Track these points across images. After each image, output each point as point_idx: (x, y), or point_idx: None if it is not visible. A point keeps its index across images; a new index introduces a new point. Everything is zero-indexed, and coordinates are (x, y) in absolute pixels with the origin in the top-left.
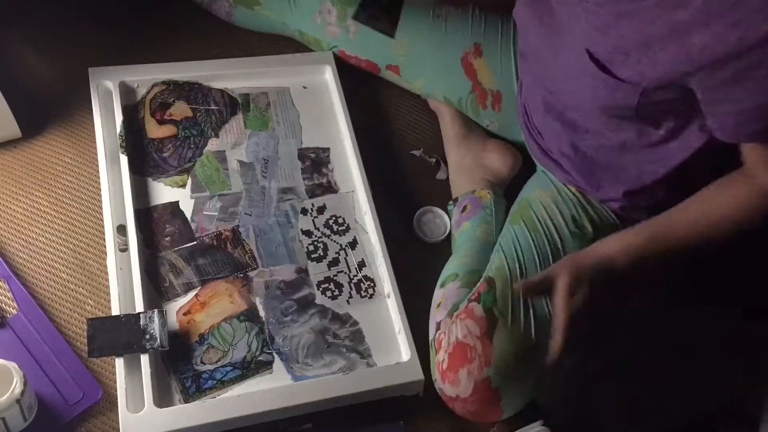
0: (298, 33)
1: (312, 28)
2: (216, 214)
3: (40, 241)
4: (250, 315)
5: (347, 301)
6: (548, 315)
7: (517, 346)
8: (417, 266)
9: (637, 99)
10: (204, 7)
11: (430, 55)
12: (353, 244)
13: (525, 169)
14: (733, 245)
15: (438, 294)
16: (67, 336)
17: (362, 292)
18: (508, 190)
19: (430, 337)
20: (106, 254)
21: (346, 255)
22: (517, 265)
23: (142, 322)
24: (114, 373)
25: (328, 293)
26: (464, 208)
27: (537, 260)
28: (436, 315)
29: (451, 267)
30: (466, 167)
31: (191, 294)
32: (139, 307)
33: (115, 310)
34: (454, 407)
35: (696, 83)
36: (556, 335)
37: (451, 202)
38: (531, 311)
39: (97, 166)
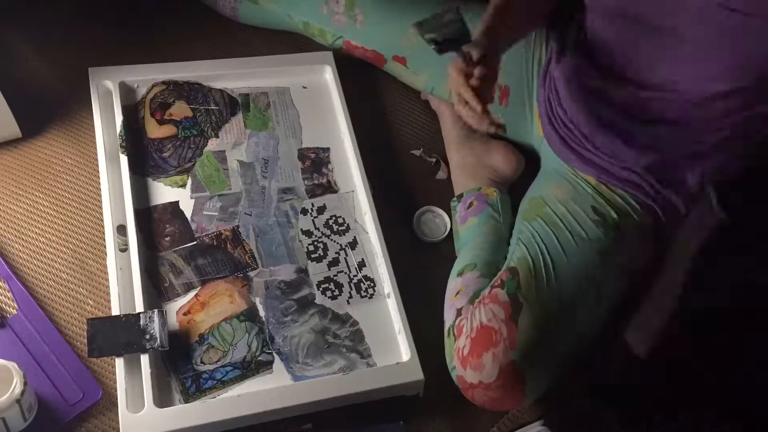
0: (302, 25)
1: (318, 18)
2: (216, 214)
3: (40, 241)
4: (250, 315)
5: (347, 301)
6: (572, 297)
7: (542, 329)
8: (417, 266)
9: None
10: (209, 5)
11: None
12: (353, 244)
13: (528, 171)
14: None
15: (456, 282)
16: (67, 336)
17: (362, 292)
18: (509, 190)
19: (447, 325)
20: (106, 254)
21: (346, 255)
22: (540, 256)
23: (142, 322)
24: (114, 373)
25: (328, 293)
26: (470, 204)
27: (563, 252)
28: (455, 302)
29: (467, 258)
30: (470, 166)
31: (191, 294)
32: (139, 307)
33: (115, 310)
34: (474, 395)
35: None
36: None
37: (455, 198)
38: (555, 295)
39: (97, 166)
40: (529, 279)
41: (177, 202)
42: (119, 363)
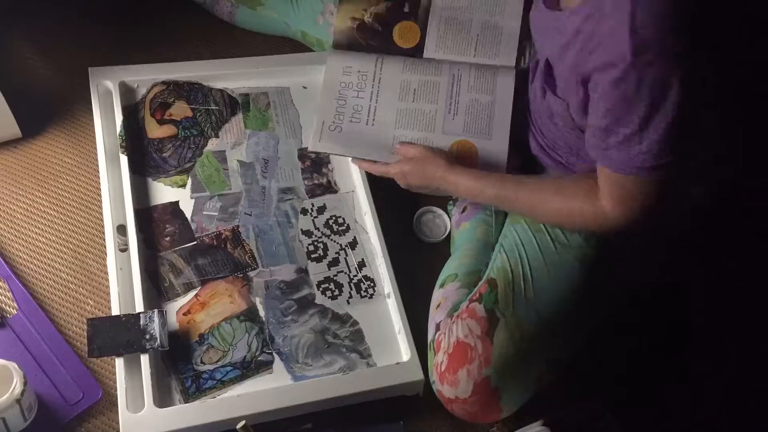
0: (300, 34)
1: (314, 28)
2: (216, 214)
3: (40, 241)
4: (250, 315)
5: (347, 301)
6: (550, 315)
7: (517, 346)
8: (417, 266)
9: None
10: (206, 8)
11: None
12: (353, 244)
13: (522, 172)
14: None
15: (437, 294)
16: (67, 336)
17: (362, 292)
18: None
19: (429, 338)
20: (106, 254)
21: (346, 255)
22: (519, 265)
23: (142, 322)
24: (114, 373)
25: (328, 293)
26: (464, 208)
27: (543, 261)
28: (435, 316)
29: (450, 267)
30: None
31: (191, 294)
32: (139, 307)
33: (115, 310)
34: (453, 409)
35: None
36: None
37: (450, 202)
38: (533, 311)
39: (97, 166)
40: (507, 292)
41: (177, 202)
42: (119, 363)
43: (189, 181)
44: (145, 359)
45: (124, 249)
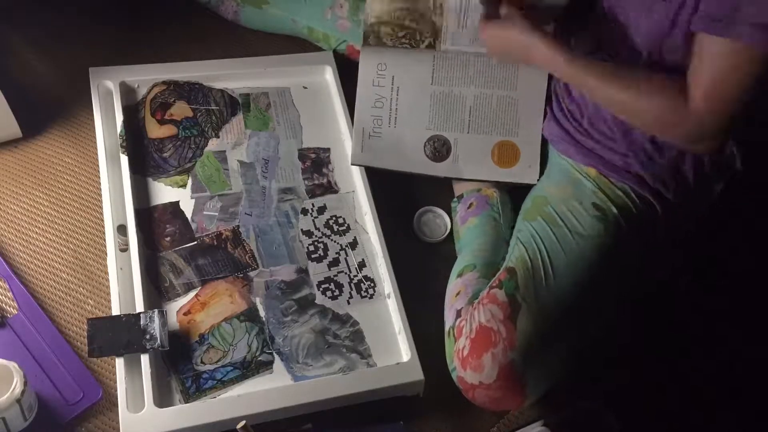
0: (306, 30)
1: (322, 23)
2: (216, 214)
3: (40, 241)
4: (250, 315)
5: (347, 301)
6: (571, 298)
7: (540, 329)
8: (417, 266)
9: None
10: (210, 8)
11: None
12: (353, 245)
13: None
14: None
15: (456, 283)
16: (67, 336)
17: (362, 292)
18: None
19: (447, 326)
20: (106, 254)
21: (347, 255)
22: (538, 254)
23: (142, 322)
24: (114, 373)
25: (329, 293)
26: (470, 204)
27: (562, 251)
28: (454, 304)
29: (467, 258)
30: None
31: (191, 294)
32: (139, 307)
33: (115, 310)
34: (475, 396)
35: None
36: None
37: (455, 199)
38: (553, 296)
39: (98, 166)
40: (527, 279)
41: (177, 202)
42: (119, 363)
43: (189, 181)
44: (145, 359)
45: (124, 249)
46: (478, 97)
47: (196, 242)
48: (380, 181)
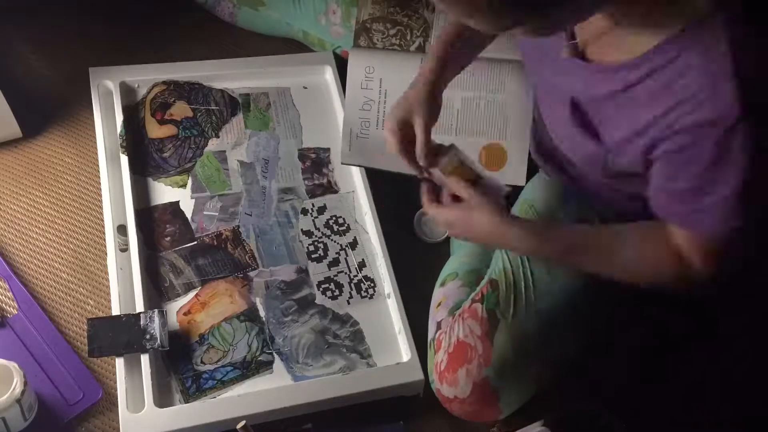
0: (302, 34)
1: (316, 28)
2: (216, 214)
3: (40, 241)
4: (250, 315)
5: (347, 301)
6: (551, 318)
7: (516, 347)
8: (417, 266)
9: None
10: (207, 8)
11: None
12: (353, 245)
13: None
14: None
15: (438, 293)
16: (67, 336)
17: (362, 292)
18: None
19: (429, 337)
20: (106, 254)
21: (347, 255)
22: (521, 268)
23: (142, 322)
24: (114, 373)
25: (329, 293)
26: None
27: (544, 263)
28: (436, 315)
29: (450, 266)
30: None
31: (191, 294)
32: (139, 307)
33: (115, 310)
34: (452, 408)
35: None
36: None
37: None
38: (533, 313)
39: (98, 166)
40: (508, 294)
41: (177, 202)
42: (119, 363)
43: (189, 181)
44: (145, 359)
45: (124, 249)
46: (466, 99)
47: (196, 242)
48: (380, 181)
